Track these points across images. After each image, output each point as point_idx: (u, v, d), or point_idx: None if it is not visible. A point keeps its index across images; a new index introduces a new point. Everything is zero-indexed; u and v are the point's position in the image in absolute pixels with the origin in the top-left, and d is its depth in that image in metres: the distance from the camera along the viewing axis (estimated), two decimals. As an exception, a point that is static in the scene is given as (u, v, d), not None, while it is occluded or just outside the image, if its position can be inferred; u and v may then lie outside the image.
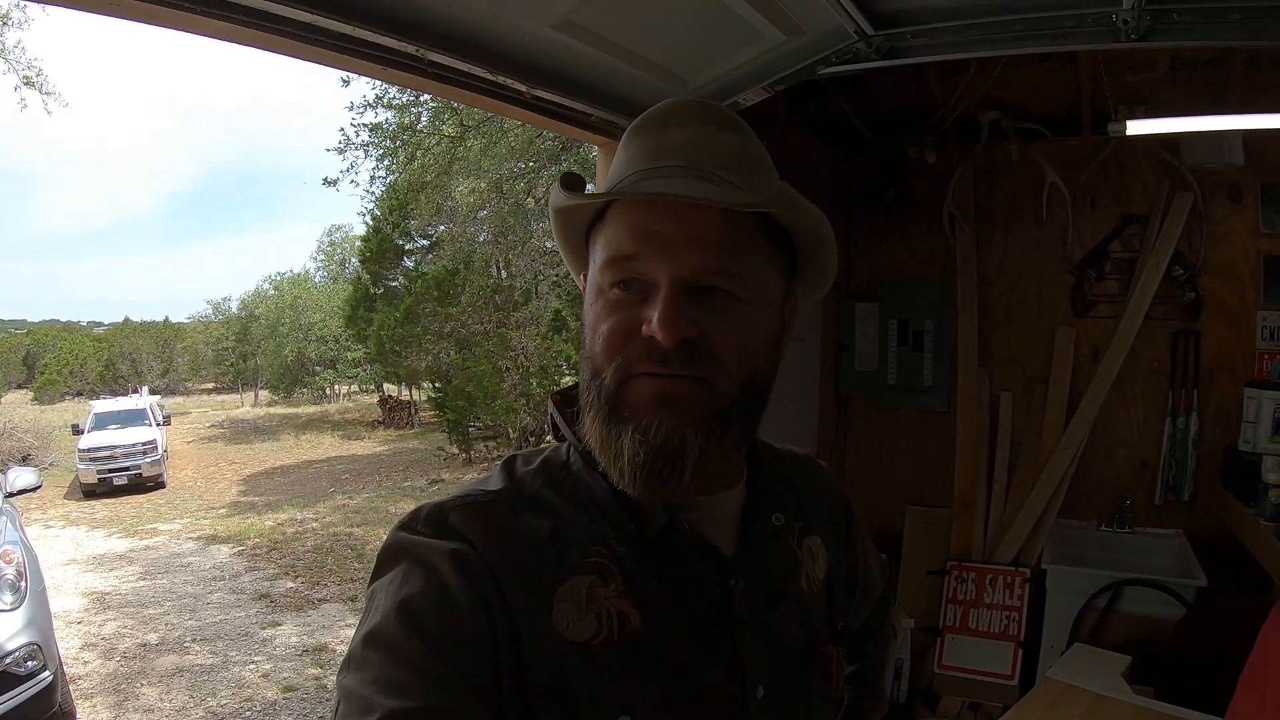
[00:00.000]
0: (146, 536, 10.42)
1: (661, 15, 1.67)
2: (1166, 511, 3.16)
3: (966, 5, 1.62)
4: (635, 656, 0.69)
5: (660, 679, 0.70)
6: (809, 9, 1.64)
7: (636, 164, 0.73)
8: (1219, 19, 1.55)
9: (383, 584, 0.69)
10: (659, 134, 0.73)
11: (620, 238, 0.70)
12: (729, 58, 1.82)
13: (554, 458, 0.79)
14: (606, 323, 0.70)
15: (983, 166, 3.44)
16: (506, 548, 0.69)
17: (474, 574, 0.66)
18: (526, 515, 0.72)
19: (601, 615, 0.69)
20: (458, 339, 13.61)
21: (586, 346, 0.72)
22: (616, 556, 0.72)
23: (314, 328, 25.70)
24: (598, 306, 0.71)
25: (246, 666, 5.98)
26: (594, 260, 0.74)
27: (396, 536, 0.71)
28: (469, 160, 8.08)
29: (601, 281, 0.71)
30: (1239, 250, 3.12)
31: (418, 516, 0.72)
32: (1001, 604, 3.10)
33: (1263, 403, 2.82)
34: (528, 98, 1.75)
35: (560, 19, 1.61)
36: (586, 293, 0.75)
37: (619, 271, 0.69)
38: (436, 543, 0.68)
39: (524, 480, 0.76)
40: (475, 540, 0.68)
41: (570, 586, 0.69)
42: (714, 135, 0.73)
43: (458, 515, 0.71)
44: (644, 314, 0.68)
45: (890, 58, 1.73)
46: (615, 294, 0.70)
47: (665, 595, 0.72)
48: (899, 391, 3.61)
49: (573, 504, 0.74)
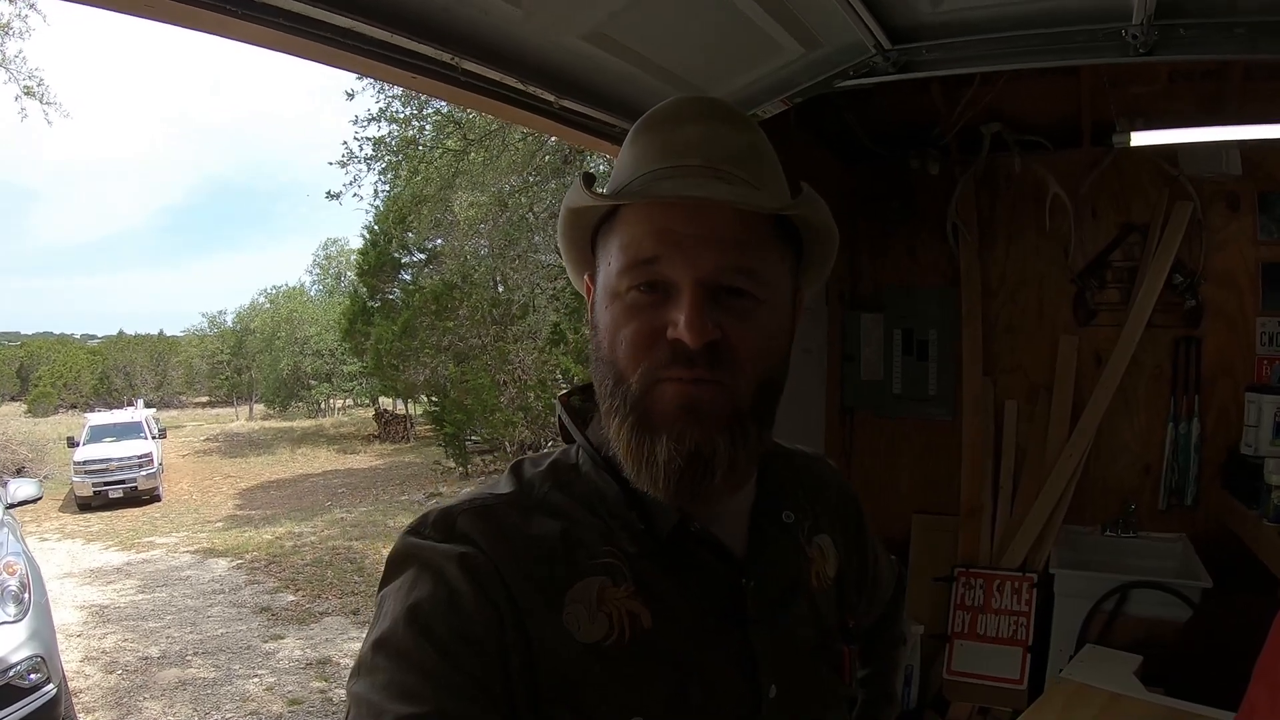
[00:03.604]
0: (143, 550, 10.40)
1: (686, 28, 1.72)
2: (1170, 515, 3.20)
3: (980, 20, 1.67)
4: (647, 657, 0.69)
5: (672, 679, 0.70)
6: (829, 23, 1.69)
7: (649, 163, 0.71)
8: (1224, 33, 1.59)
9: (391, 589, 0.69)
10: (671, 131, 0.72)
11: (640, 239, 0.69)
12: (750, 70, 1.87)
13: (563, 460, 0.79)
14: (628, 327, 0.69)
15: (985, 178, 3.49)
16: (515, 550, 0.69)
17: (483, 577, 0.66)
18: (536, 517, 0.72)
19: (613, 616, 0.69)
20: (456, 353, 13.60)
21: (605, 351, 0.71)
22: (627, 557, 0.72)
23: (309, 341, 25.65)
24: (615, 310, 0.70)
25: (250, 680, 5.96)
26: (607, 262, 0.72)
27: (405, 542, 0.71)
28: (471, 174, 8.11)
29: (618, 285, 0.70)
30: (1238, 258, 3.18)
31: (426, 521, 0.72)
32: (1009, 609, 3.13)
33: (1263, 407, 2.87)
34: (555, 108, 1.79)
35: (590, 30, 1.65)
36: (597, 294, 0.74)
37: (640, 274, 0.69)
38: (444, 547, 0.68)
39: (532, 482, 0.76)
40: (483, 543, 0.68)
41: (581, 588, 0.69)
42: (725, 132, 0.72)
43: (466, 519, 0.71)
44: (667, 316, 0.67)
45: (905, 71, 1.78)
46: (634, 296, 0.69)
47: (677, 595, 0.72)
48: (904, 401, 3.64)
49: (582, 505, 0.74)
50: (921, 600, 3.31)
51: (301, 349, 25.60)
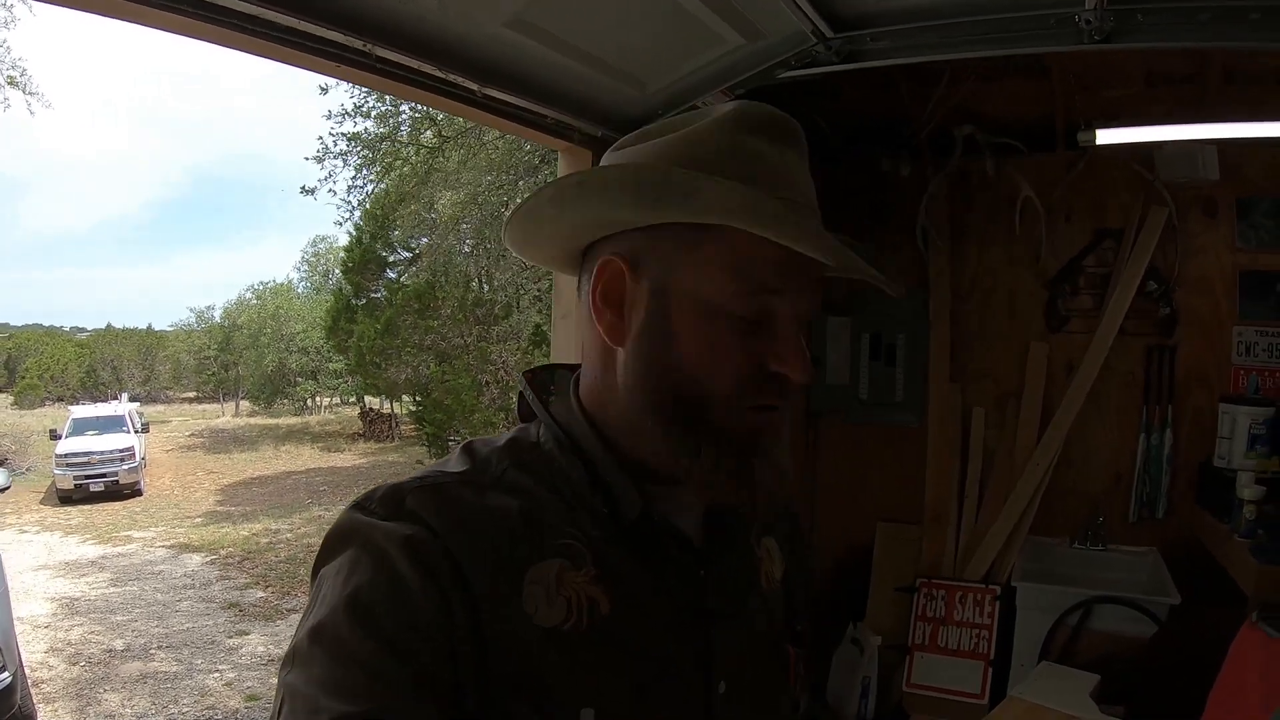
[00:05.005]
0: (120, 544, 10.34)
1: (617, 17, 1.63)
2: (1141, 528, 3.12)
3: (927, 7, 1.59)
4: (604, 645, 0.67)
5: (628, 670, 0.68)
6: (767, 11, 1.60)
7: (763, 178, 0.68)
8: (1186, 19, 1.51)
9: (330, 571, 0.65)
10: (781, 151, 0.71)
11: (762, 266, 0.67)
12: (688, 61, 1.78)
13: (522, 438, 0.76)
14: (731, 352, 0.68)
15: (957, 180, 3.41)
16: (470, 529, 0.66)
17: (430, 561, 0.63)
18: (492, 495, 0.69)
19: (571, 600, 0.67)
20: (438, 352, 13.53)
21: (683, 362, 0.68)
22: (589, 540, 0.70)
23: (295, 338, 25.51)
24: (715, 328, 0.68)
25: (210, 674, 5.99)
26: (707, 275, 0.68)
27: (349, 517, 0.67)
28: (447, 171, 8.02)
29: (728, 305, 0.67)
30: (1214, 265, 3.10)
31: (372, 497, 0.68)
32: (971, 622, 3.05)
33: (1238, 418, 2.80)
34: (479, 97, 1.70)
35: (512, 17, 1.57)
36: (676, 298, 0.68)
37: (756, 304, 0.67)
38: (390, 525, 0.64)
39: (489, 459, 0.73)
40: (434, 523, 0.65)
41: (541, 569, 0.67)
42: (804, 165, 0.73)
43: (415, 497, 0.67)
44: (768, 347, 0.68)
45: (850, 61, 1.70)
46: (740, 323, 0.68)
47: (636, 582, 0.70)
48: (870, 406, 3.56)
49: (543, 485, 0.71)
50: (883, 610, 3.24)
51: (287, 346, 25.44)
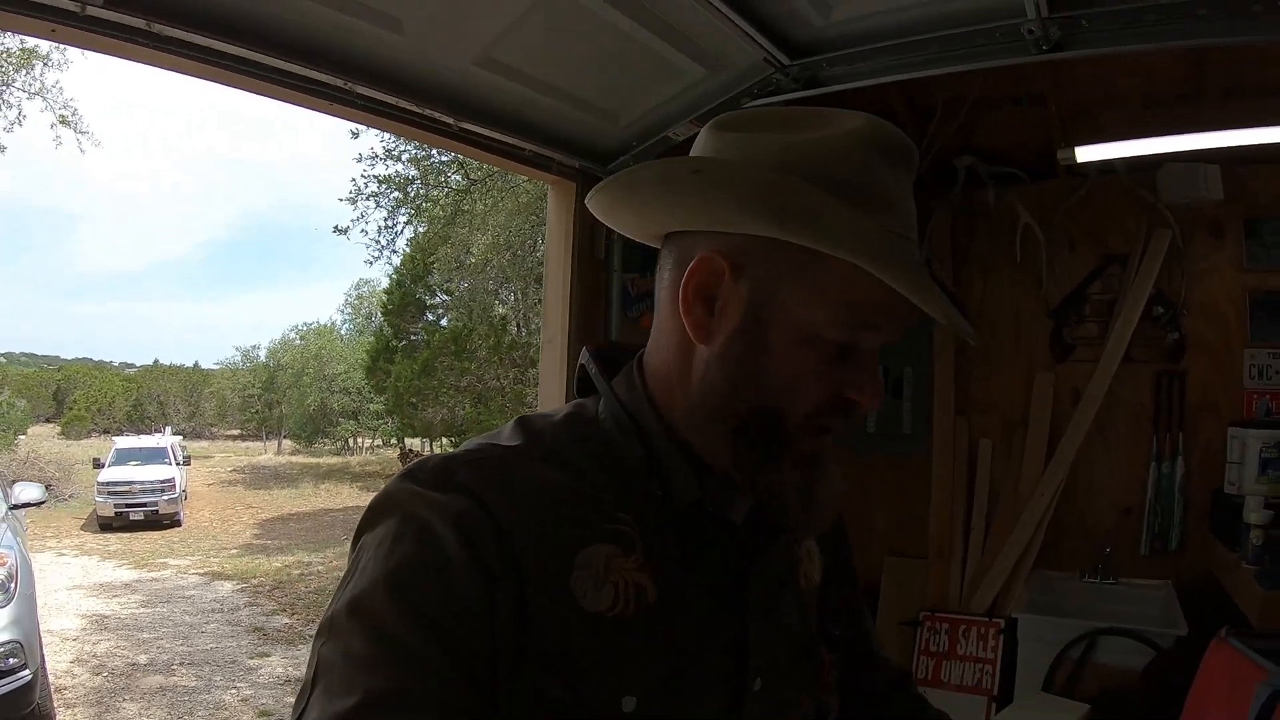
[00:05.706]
0: (155, 570, 10.59)
1: (582, 54, 1.72)
2: (1154, 561, 3.02)
3: (875, 29, 1.63)
4: (647, 633, 0.67)
5: (668, 661, 0.67)
6: (724, 43, 1.67)
7: (887, 208, 0.68)
8: (1132, 22, 1.51)
9: (371, 541, 0.64)
10: (900, 179, 0.70)
11: (868, 303, 0.66)
12: (655, 93, 1.85)
13: (581, 412, 0.75)
14: (818, 377, 0.68)
15: (960, 211, 3.42)
16: (521, 505, 0.65)
17: (477, 538, 0.62)
18: (544, 468, 0.68)
19: (619, 587, 0.66)
20: (474, 393, 13.69)
21: (767, 378, 0.68)
22: (640, 524, 0.69)
23: (337, 379, 26.04)
24: (807, 352, 0.67)
25: (228, 691, 6.13)
26: (814, 301, 0.67)
27: (398, 485, 0.67)
28: (474, 214, 8.20)
29: (829, 335, 0.67)
30: (1222, 288, 3.05)
31: (424, 466, 0.68)
32: (975, 656, 2.97)
33: (1248, 442, 2.72)
34: (455, 130, 1.79)
35: (480, 55, 1.66)
36: (790, 322, 0.68)
37: (853, 335, 0.68)
38: (439, 498, 0.64)
39: (543, 433, 0.72)
40: (485, 497, 0.64)
41: (591, 552, 0.66)
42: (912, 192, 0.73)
43: (466, 471, 0.66)
44: (849, 375, 0.68)
45: (811, 87, 1.74)
46: (833, 348, 0.68)
47: (683, 570, 0.70)
48: (878, 439, 3.54)
49: (598, 464, 0.71)
50: (888, 645, 3.13)
51: (329, 386, 25.98)
